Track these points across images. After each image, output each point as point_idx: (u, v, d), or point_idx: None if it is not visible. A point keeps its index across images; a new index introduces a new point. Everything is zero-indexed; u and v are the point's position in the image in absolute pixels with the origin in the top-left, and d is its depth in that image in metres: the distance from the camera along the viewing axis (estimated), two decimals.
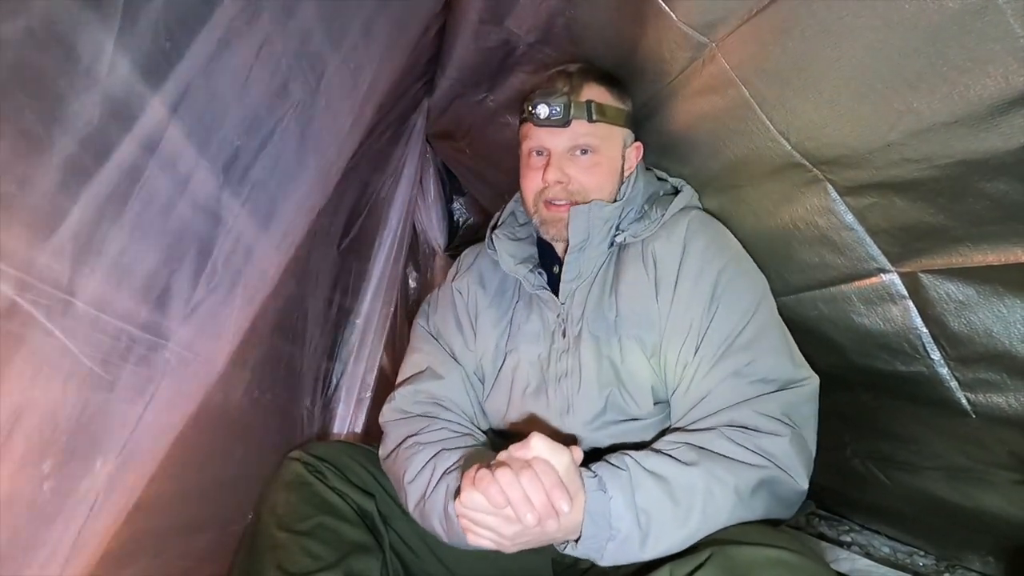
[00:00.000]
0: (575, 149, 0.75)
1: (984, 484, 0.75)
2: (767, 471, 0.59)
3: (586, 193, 0.75)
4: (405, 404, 0.80)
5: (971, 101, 0.44)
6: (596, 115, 0.73)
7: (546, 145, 0.75)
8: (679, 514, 0.57)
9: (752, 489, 0.59)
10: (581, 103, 0.73)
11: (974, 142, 0.47)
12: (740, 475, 0.59)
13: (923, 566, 0.97)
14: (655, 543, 0.57)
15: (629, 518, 0.57)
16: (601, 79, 0.76)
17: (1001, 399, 0.62)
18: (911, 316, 0.64)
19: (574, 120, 0.73)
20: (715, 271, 0.70)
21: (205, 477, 0.78)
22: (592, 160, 0.75)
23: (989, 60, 0.42)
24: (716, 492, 0.58)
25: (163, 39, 0.36)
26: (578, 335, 0.74)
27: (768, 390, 0.64)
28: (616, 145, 0.77)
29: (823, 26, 0.50)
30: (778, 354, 0.66)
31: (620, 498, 0.57)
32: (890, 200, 0.57)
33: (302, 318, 1.03)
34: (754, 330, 0.67)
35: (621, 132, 0.77)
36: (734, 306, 0.68)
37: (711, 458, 0.60)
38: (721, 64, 0.62)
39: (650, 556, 0.57)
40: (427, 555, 0.76)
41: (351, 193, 1.13)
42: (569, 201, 0.75)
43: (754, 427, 0.61)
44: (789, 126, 0.60)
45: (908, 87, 0.48)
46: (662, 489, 0.58)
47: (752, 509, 0.59)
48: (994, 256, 0.53)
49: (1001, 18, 0.40)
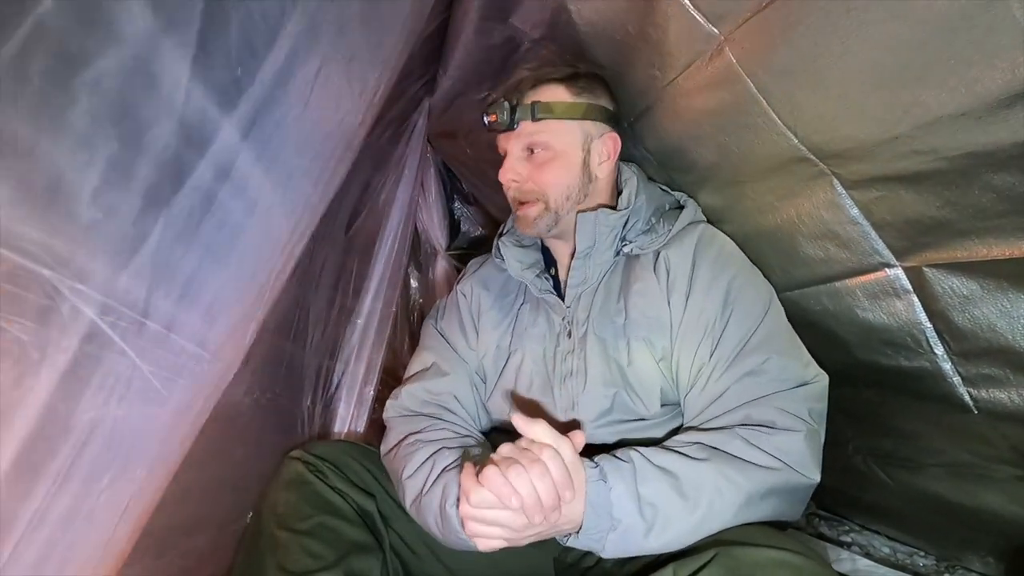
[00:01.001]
0: (525, 149, 0.78)
1: (985, 480, 0.75)
2: (779, 474, 0.60)
3: (543, 189, 0.77)
4: (410, 402, 0.81)
5: (978, 94, 0.45)
6: (541, 113, 0.75)
7: (504, 147, 0.80)
8: (687, 507, 0.57)
9: (762, 493, 0.59)
10: (526, 105, 0.76)
11: (981, 135, 0.47)
12: (752, 477, 0.59)
13: (923, 566, 0.97)
14: (660, 534, 0.57)
15: (631, 508, 0.57)
16: (560, 79, 0.78)
17: (1004, 395, 0.62)
18: (915, 311, 0.64)
19: (520, 122, 0.76)
20: (727, 279, 0.72)
21: (205, 477, 0.77)
22: (543, 157, 0.77)
23: (996, 53, 0.43)
24: (725, 491, 0.58)
25: (234, 65, 0.38)
26: (583, 336, 0.76)
27: (782, 388, 0.65)
28: (572, 139, 0.77)
29: (830, 20, 0.51)
30: (790, 355, 0.68)
31: (622, 488, 0.57)
32: (896, 193, 0.57)
33: (303, 318, 1.03)
34: (765, 332, 0.68)
35: (578, 125, 0.77)
36: (746, 311, 0.70)
37: (723, 458, 0.60)
38: (728, 58, 0.62)
39: (654, 548, 0.57)
40: (427, 555, 0.76)
41: (352, 193, 1.13)
42: (530, 199, 0.78)
43: (770, 423, 0.62)
44: (796, 120, 0.60)
45: (915, 80, 0.48)
46: (669, 483, 0.58)
47: (760, 511, 0.59)
48: (999, 250, 0.53)
49: (1007, 11, 0.41)
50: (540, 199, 0.77)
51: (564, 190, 0.77)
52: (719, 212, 0.81)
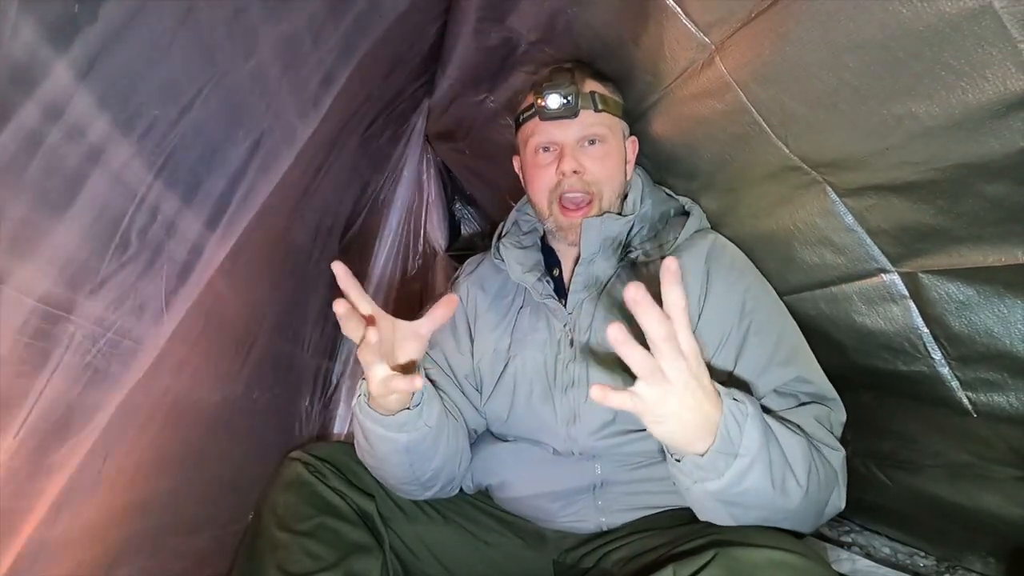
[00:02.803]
0: (584, 140, 0.75)
1: (985, 481, 0.75)
2: (835, 479, 0.61)
3: (600, 184, 0.75)
4: None
5: (969, 105, 0.44)
6: (601, 105, 0.74)
7: (555, 139, 0.76)
8: (790, 471, 0.55)
9: (828, 491, 0.60)
10: (586, 93, 0.74)
11: (973, 146, 0.47)
12: (823, 471, 0.59)
13: (923, 567, 0.97)
14: (774, 472, 0.53)
15: (757, 438, 0.52)
16: (595, 74, 0.78)
17: (1002, 398, 0.62)
18: (912, 316, 0.64)
19: (582, 110, 0.73)
20: (742, 289, 0.71)
21: (205, 477, 0.78)
22: (603, 150, 0.76)
23: (987, 65, 0.42)
24: (808, 470, 0.57)
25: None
26: (586, 345, 0.75)
27: (810, 400, 0.65)
28: (619, 136, 0.78)
29: (819, 31, 0.50)
30: (816, 370, 0.68)
31: (758, 418, 0.53)
32: (890, 202, 0.57)
33: (302, 318, 1.03)
34: (790, 347, 0.68)
35: (621, 124, 0.79)
36: (767, 325, 0.69)
37: (809, 441, 0.60)
38: (719, 68, 0.62)
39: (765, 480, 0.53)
40: (427, 556, 0.76)
41: (351, 193, 1.13)
42: (585, 192, 0.75)
43: (821, 439, 0.62)
44: (787, 131, 0.60)
45: (906, 92, 0.48)
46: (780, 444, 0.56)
47: (821, 511, 0.60)
48: (994, 257, 0.53)
49: (998, 23, 0.40)
50: (596, 196, 0.75)
51: (617, 188, 0.76)
52: (716, 217, 0.81)
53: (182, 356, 0.63)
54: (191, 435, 0.72)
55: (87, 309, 0.45)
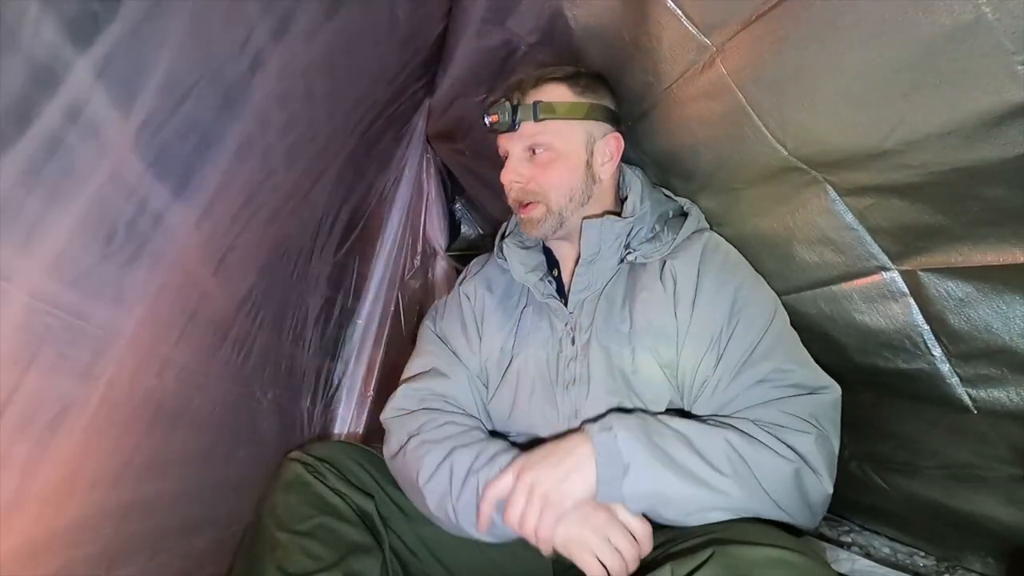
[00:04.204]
0: (527, 150, 0.77)
1: (983, 482, 0.75)
2: (792, 465, 0.60)
3: (545, 191, 0.76)
4: (405, 402, 0.80)
5: (964, 113, 0.45)
6: (543, 113, 0.75)
7: (506, 149, 0.79)
8: (702, 463, 0.59)
9: (775, 479, 0.59)
10: (528, 105, 0.75)
11: (969, 152, 0.47)
12: (764, 458, 0.59)
13: (923, 567, 0.96)
14: (677, 479, 0.58)
15: (640, 447, 0.58)
16: (563, 78, 0.78)
17: (1002, 394, 0.62)
18: (912, 313, 0.64)
19: (522, 122, 0.75)
20: (733, 288, 0.72)
21: (206, 477, 0.78)
22: (546, 157, 0.76)
23: (981, 74, 0.43)
24: (736, 462, 0.59)
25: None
26: (587, 343, 0.75)
27: (788, 394, 0.65)
28: (575, 140, 0.77)
29: (818, 36, 0.51)
30: (798, 362, 0.68)
31: (624, 433, 0.60)
32: (889, 201, 0.57)
33: (303, 318, 1.03)
34: (772, 340, 0.68)
35: (581, 125, 0.77)
36: (753, 320, 0.70)
37: (736, 433, 0.61)
38: (719, 70, 0.62)
39: (674, 494, 0.58)
40: (427, 556, 0.76)
41: (352, 193, 1.13)
42: (532, 201, 0.77)
43: (780, 424, 0.62)
44: (785, 133, 0.61)
45: (902, 99, 0.48)
46: (681, 441, 0.60)
47: (782, 498, 0.60)
48: (993, 256, 0.53)
49: (992, 34, 0.41)
50: (541, 201, 0.77)
51: (566, 192, 0.76)
52: (716, 216, 0.81)
53: (163, 355, 0.62)
54: (190, 435, 0.72)
55: (58, 296, 0.44)
